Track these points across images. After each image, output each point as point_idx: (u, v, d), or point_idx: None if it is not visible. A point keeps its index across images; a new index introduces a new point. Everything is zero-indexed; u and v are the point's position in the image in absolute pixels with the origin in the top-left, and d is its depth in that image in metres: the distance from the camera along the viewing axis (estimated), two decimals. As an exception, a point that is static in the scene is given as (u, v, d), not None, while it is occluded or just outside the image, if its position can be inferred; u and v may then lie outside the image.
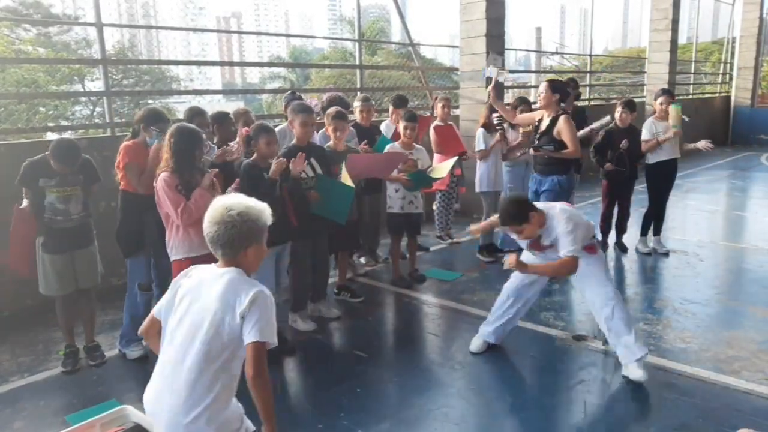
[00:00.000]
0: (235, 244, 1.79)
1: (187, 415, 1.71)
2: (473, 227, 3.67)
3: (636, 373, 3.15)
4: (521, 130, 5.39)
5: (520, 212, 3.11)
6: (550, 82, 4.55)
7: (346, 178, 3.87)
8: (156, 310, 1.92)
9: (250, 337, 1.72)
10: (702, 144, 5.34)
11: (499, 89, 7.42)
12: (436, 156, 5.62)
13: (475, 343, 3.65)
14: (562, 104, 4.63)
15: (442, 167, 4.84)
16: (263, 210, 1.84)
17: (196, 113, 3.90)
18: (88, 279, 3.57)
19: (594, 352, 3.61)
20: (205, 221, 1.82)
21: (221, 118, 4.10)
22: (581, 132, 5.37)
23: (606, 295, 3.24)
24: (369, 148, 4.60)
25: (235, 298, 1.74)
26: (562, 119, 4.42)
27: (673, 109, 5.24)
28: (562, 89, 4.55)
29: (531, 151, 4.67)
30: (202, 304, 1.78)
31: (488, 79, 5.28)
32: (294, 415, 3.02)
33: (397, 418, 2.94)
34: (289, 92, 5.12)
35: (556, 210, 3.18)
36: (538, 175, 4.70)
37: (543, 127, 4.57)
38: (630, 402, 3.05)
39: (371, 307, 4.50)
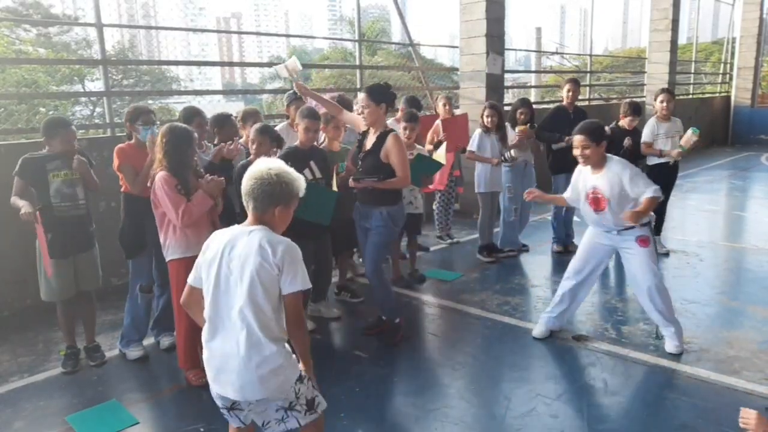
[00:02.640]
0: (266, 199, 1.95)
1: (257, 369, 1.89)
2: (532, 192, 3.85)
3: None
4: (518, 129, 5.39)
5: (598, 132, 3.35)
6: (371, 90, 3.58)
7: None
8: (192, 279, 2.05)
9: (290, 287, 1.90)
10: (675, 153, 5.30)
11: (498, 87, 7.45)
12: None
13: (539, 330, 3.83)
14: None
15: (440, 154, 4.85)
16: (298, 179, 2.00)
17: (194, 113, 3.88)
18: (89, 281, 3.57)
19: (594, 352, 3.61)
20: (245, 177, 1.97)
21: (222, 120, 4.05)
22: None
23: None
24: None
25: (270, 251, 1.89)
26: (390, 139, 3.54)
27: (691, 134, 5.22)
28: (388, 96, 3.62)
29: (355, 183, 3.71)
30: (239, 260, 1.91)
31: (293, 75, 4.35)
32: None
33: (397, 418, 2.95)
34: (291, 91, 5.11)
35: (615, 159, 3.46)
36: (361, 206, 3.83)
37: (368, 145, 3.69)
38: (630, 402, 3.05)
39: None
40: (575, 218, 6.00)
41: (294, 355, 2.02)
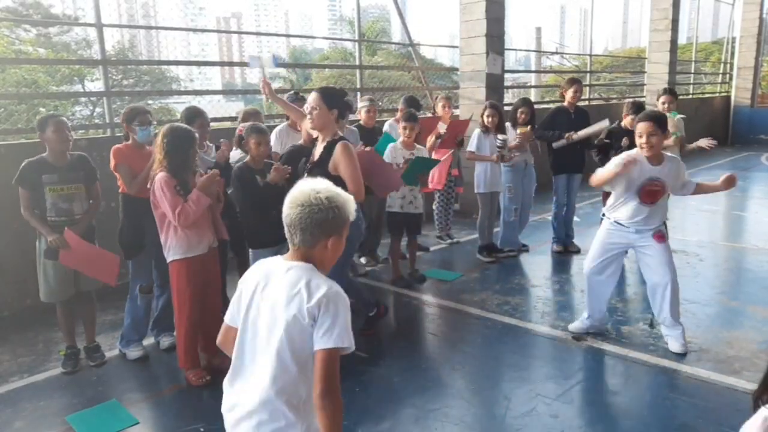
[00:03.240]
0: (317, 230, 1.58)
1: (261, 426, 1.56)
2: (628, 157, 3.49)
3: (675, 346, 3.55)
4: (519, 131, 5.38)
5: (664, 121, 3.40)
6: (323, 92, 3.24)
7: None
8: (229, 318, 1.72)
9: (321, 342, 1.51)
10: (704, 142, 5.32)
11: (498, 87, 7.45)
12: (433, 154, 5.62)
13: (576, 326, 3.87)
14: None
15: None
16: (350, 200, 1.64)
17: (196, 114, 3.88)
18: (89, 281, 3.56)
19: (594, 352, 3.61)
20: (286, 203, 1.63)
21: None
22: (579, 134, 5.36)
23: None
24: (371, 149, 4.61)
25: (306, 296, 1.53)
26: (338, 148, 3.18)
27: (670, 117, 5.20)
28: (341, 103, 3.30)
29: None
30: (269, 302, 1.59)
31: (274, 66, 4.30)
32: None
33: (397, 418, 2.95)
34: (292, 92, 5.11)
35: (668, 153, 3.53)
36: None
37: (316, 155, 3.36)
38: (630, 402, 3.05)
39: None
40: (575, 218, 6.01)
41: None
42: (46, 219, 3.38)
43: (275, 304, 1.57)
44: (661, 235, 3.55)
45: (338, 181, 3.08)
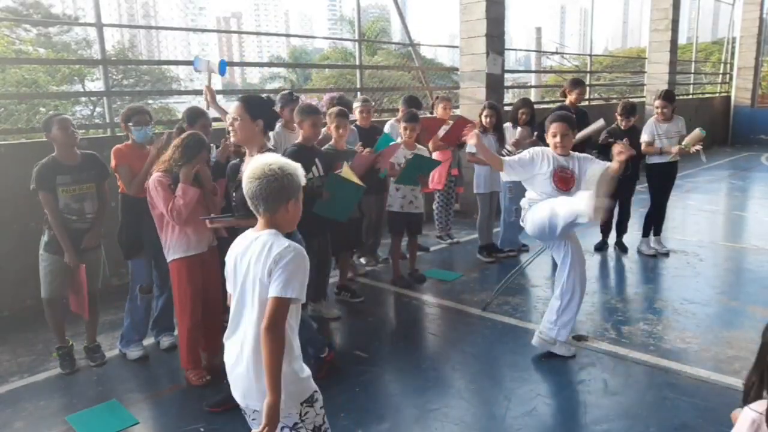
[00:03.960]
0: (277, 197, 1.80)
1: (258, 379, 1.79)
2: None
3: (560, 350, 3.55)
4: (519, 129, 5.38)
5: (572, 120, 3.53)
6: (246, 101, 2.86)
7: (350, 175, 3.86)
8: (228, 286, 1.99)
9: (272, 291, 1.74)
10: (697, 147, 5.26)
11: (498, 87, 7.45)
12: (434, 154, 5.62)
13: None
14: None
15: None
16: (299, 167, 1.87)
17: (198, 114, 3.87)
18: (92, 282, 3.57)
19: (594, 352, 3.61)
20: (244, 179, 1.84)
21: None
22: (576, 137, 5.35)
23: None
24: (370, 149, 4.61)
25: (268, 257, 1.77)
26: None
27: (697, 133, 5.18)
28: (267, 114, 2.92)
29: (210, 224, 3.15)
30: (246, 266, 1.84)
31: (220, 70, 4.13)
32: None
33: (397, 418, 2.95)
34: (287, 92, 5.08)
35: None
36: None
37: (241, 173, 2.97)
38: (630, 402, 3.05)
39: (371, 307, 4.50)
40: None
41: (307, 375, 1.90)
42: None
43: (249, 267, 1.83)
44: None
45: None
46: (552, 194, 3.40)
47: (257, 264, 1.79)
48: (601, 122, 5.41)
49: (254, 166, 1.84)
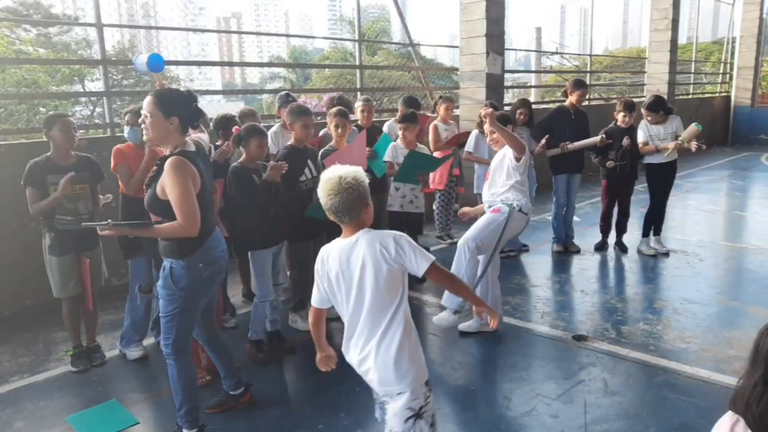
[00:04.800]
0: (357, 205, 1.93)
1: (395, 363, 1.96)
2: (463, 210, 4.08)
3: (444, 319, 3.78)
4: (519, 130, 5.38)
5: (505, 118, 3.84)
6: (159, 96, 2.51)
7: None
8: (317, 301, 2.10)
9: (422, 267, 1.92)
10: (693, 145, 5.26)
11: (498, 87, 7.45)
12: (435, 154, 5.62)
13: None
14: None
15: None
16: (362, 171, 1.99)
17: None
18: (92, 280, 3.56)
19: (594, 352, 3.61)
20: (321, 194, 1.95)
21: (225, 123, 4.06)
22: (575, 144, 5.35)
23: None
24: (369, 149, 4.62)
25: (382, 251, 1.91)
26: (166, 166, 2.44)
27: (694, 128, 5.18)
28: (184, 109, 2.53)
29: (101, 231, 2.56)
30: (358, 268, 1.93)
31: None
32: (294, 415, 3.02)
33: (397, 418, 2.94)
34: (284, 93, 5.08)
35: None
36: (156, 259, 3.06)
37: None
38: (630, 402, 3.05)
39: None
40: (575, 218, 6.01)
41: (422, 357, 2.08)
42: (53, 218, 3.39)
43: (364, 266, 1.92)
44: (498, 209, 3.78)
45: (166, 206, 2.45)
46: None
47: (375, 260, 1.91)
48: (601, 137, 5.40)
49: (329, 180, 1.93)
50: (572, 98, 5.55)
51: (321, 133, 4.94)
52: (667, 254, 5.60)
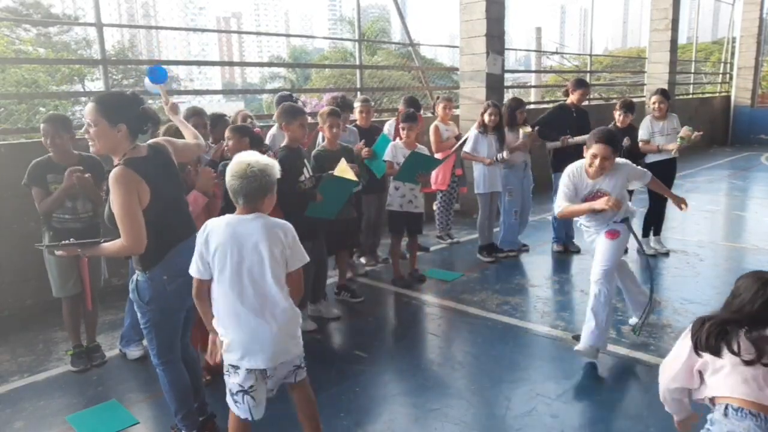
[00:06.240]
0: (256, 194, 2.16)
1: (287, 332, 2.25)
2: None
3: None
4: (521, 131, 5.38)
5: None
6: (102, 102, 2.32)
7: (345, 171, 3.87)
8: (198, 272, 2.21)
9: (295, 264, 2.25)
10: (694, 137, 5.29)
11: (498, 87, 7.45)
12: (436, 155, 5.62)
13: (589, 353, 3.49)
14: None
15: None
16: (275, 165, 2.21)
17: (192, 113, 3.94)
18: (92, 280, 3.56)
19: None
20: (228, 174, 2.15)
21: (215, 120, 4.16)
22: (575, 139, 5.36)
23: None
24: (369, 149, 4.62)
25: (278, 233, 2.19)
26: (110, 179, 2.27)
27: (686, 130, 5.23)
28: (131, 113, 2.36)
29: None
30: (250, 245, 2.16)
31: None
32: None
33: (397, 418, 2.94)
34: (287, 93, 5.07)
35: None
36: None
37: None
38: (630, 402, 3.05)
39: (371, 307, 4.50)
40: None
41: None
42: (52, 217, 3.39)
43: (257, 244, 2.15)
44: (613, 233, 3.46)
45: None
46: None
47: (269, 240, 2.16)
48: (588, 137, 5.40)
49: (238, 164, 2.15)
50: (573, 97, 5.56)
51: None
52: (667, 254, 5.60)
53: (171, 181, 2.48)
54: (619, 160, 3.49)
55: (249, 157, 2.17)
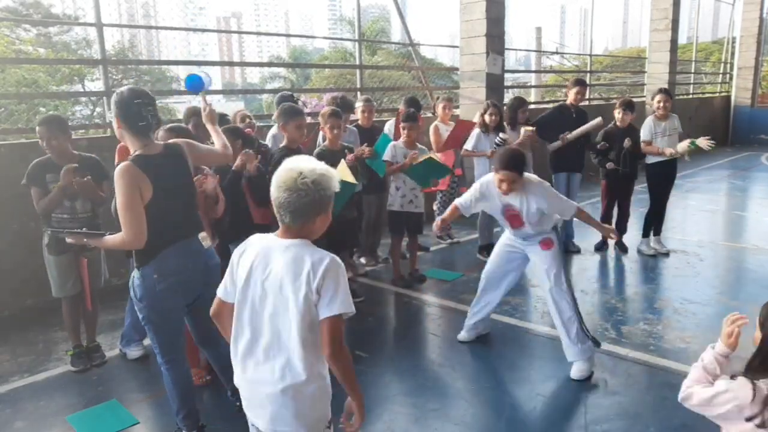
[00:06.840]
0: (306, 212, 1.66)
1: (292, 396, 1.69)
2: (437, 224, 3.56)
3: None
4: (524, 129, 5.38)
5: (521, 164, 3.21)
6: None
7: (344, 173, 3.86)
8: (222, 293, 1.81)
9: (327, 311, 1.63)
10: (703, 143, 5.32)
11: (498, 87, 7.45)
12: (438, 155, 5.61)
13: (463, 335, 3.82)
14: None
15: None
16: (333, 176, 1.71)
17: (191, 114, 3.95)
18: (92, 280, 3.56)
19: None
20: (273, 184, 1.67)
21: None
22: (573, 133, 5.38)
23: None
24: (370, 149, 4.62)
25: (308, 271, 1.63)
26: (115, 174, 2.38)
27: (686, 146, 5.27)
28: (121, 106, 2.40)
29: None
30: (275, 280, 1.67)
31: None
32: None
33: (397, 417, 2.94)
34: (287, 93, 5.07)
35: (534, 178, 3.37)
36: None
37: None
38: (630, 402, 3.05)
39: (371, 307, 4.50)
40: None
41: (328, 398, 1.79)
42: (51, 216, 3.39)
43: (282, 284, 1.65)
44: (548, 242, 3.43)
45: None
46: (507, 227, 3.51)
47: (296, 280, 1.64)
48: (598, 120, 5.44)
49: (286, 172, 1.67)
50: (570, 96, 5.58)
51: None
52: (667, 254, 5.60)
53: (178, 182, 2.50)
54: (534, 179, 3.34)
55: (302, 163, 1.67)
